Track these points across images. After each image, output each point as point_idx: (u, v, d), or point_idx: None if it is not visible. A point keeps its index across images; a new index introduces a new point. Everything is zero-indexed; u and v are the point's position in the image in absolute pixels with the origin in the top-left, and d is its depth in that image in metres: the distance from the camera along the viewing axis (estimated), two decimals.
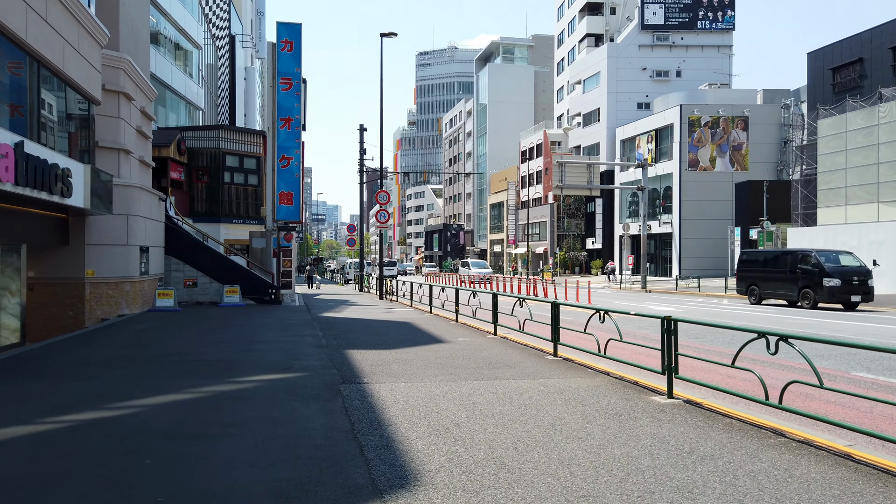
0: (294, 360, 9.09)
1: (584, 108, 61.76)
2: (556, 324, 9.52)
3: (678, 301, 24.72)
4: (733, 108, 47.74)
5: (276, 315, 17.30)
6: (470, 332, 13.14)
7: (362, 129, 32.62)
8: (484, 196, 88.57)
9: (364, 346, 10.80)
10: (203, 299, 21.82)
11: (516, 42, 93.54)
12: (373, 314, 17.79)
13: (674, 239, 48.25)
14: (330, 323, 14.95)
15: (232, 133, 26.13)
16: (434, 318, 16.30)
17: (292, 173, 23.81)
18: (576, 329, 9.84)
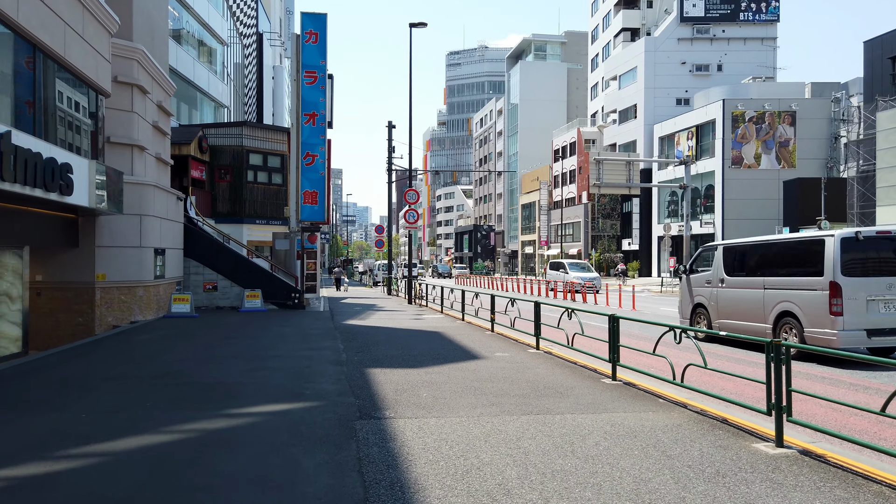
0: (306, 384, 7.76)
1: (620, 105, 59.73)
2: (615, 341, 8.02)
3: None
4: (779, 102, 45.39)
5: (297, 322, 16.06)
6: (508, 345, 11.69)
7: (391, 126, 31.34)
8: (515, 196, 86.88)
9: (389, 363, 9.44)
10: (223, 304, 20.74)
11: (548, 39, 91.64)
12: (400, 322, 16.44)
13: (716, 240, 45.99)
14: (353, 332, 13.63)
15: (255, 130, 25.08)
16: (467, 328, 14.89)
17: (317, 171, 22.62)
18: (639, 348, 8.35)
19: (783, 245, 11.36)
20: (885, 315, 9.82)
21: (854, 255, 9.99)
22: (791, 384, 5.11)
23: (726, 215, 45.14)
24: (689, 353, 7.18)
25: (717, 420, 6.05)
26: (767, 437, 5.33)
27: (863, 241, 10.04)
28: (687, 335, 6.63)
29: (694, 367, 6.54)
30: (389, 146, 31.17)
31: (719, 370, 6.48)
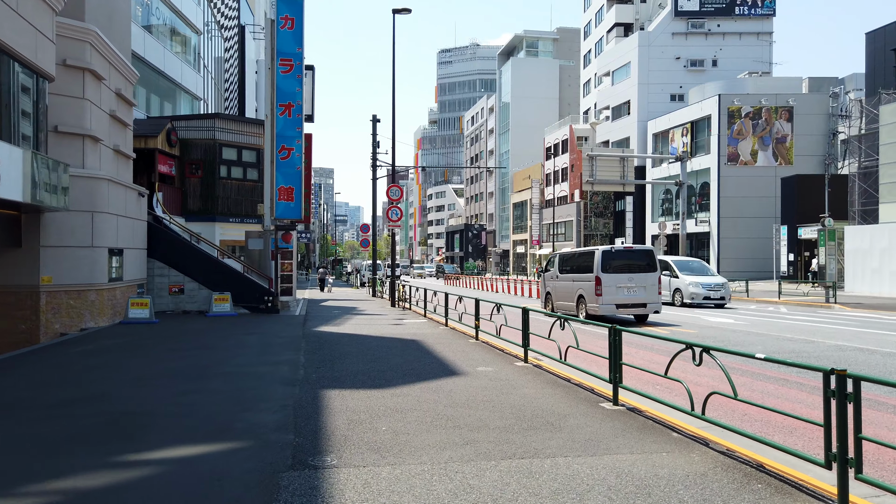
0: (242, 413, 6.39)
1: (613, 101, 58.54)
2: (616, 357, 6.69)
3: (731, 309, 21.64)
4: (776, 97, 44.30)
5: (264, 329, 14.67)
6: (493, 356, 10.35)
7: (375, 120, 29.99)
8: (506, 195, 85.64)
9: (352, 381, 8.08)
10: (190, 308, 19.31)
11: (540, 35, 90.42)
12: (377, 328, 15.07)
13: (711, 239, 44.92)
14: (322, 342, 12.26)
15: (229, 123, 23.63)
16: (450, 334, 13.54)
17: (293, 166, 21.22)
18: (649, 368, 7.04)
19: (580, 254, 18.32)
20: (627, 296, 16.36)
21: (610, 260, 16.55)
22: (859, 425, 3.79)
23: (722, 213, 44.00)
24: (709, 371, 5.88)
25: (751, 465, 4.72)
26: (830, 498, 4.01)
27: (615, 252, 16.99)
28: (713, 356, 5.28)
29: (722, 396, 5.21)
30: (373, 141, 29.82)
31: (753, 403, 5.14)
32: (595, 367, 7.84)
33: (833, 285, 23.80)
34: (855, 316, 18.89)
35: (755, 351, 11.77)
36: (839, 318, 17.97)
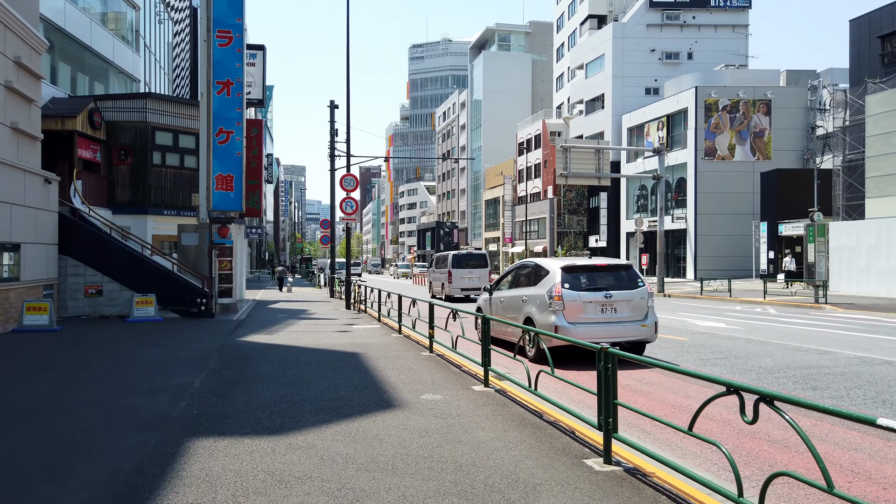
0: (25, 494, 4.12)
1: (587, 95, 56.89)
2: (609, 394, 4.57)
3: (717, 311, 19.82)
4: (754, 90, 42.96)
5: (180, 338, 12.33)
6: (446, 375, 8.21)
7: (332, 106, 27.63)
8: (479, 192, 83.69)
9: (243, 421, 5.87)
10: (110, 312, 16.84)
11: (512, 28, 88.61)
12: (319, 336, 12.82)
13: (688, 236, 43.44)
14: (240, 355, 9.99)
15: (163, 104, 21.09)
16: (400, 344, 11.38)
17: (233, 151, 18.83)
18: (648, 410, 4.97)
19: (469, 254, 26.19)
20: (468, 283, 21.62)
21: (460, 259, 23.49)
22: None
23: (699, 210, 42.53)
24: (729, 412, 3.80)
25: None
26: None
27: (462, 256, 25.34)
28: (780, 410, 3.18)
29: None
30: (331, 128, 27.49)
31: None
32: (574, 401, 5.73)
33: (823, 284, 22.17)
34: (853, 318, 17.15)
35: (761, 362, 9.91)
36: (838, 322, 16.19)
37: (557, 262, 10.47)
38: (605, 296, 9.84)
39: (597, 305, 9.83)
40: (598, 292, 9.87)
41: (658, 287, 31.67)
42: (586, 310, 9.80)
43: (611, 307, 9.88)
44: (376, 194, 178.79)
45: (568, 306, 9.71)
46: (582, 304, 9.77)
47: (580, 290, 9.85)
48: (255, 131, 27.22)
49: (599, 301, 9.83)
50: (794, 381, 8.08)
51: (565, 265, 10.20)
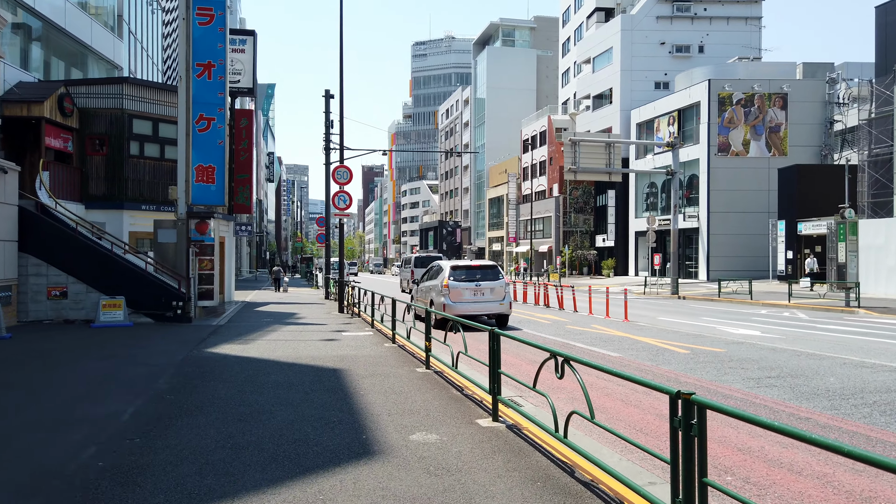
0: None
1: (594, 90, 55.17)
2: (690, 451, 2.90)
3: (743, 316, 18.14)
4: (770, 83, 41.17)
5: (140, 349, 10.72)
6: (444, 403, 6.58)
7: (328, 96, 26.00)
8: (482, 191, 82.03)
9: (163, 482, 4.24)
10: (75, 316, 15.24)
11: (517, 24, 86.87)
12: (301, 346, 11.19)
13: (700, 235, 41.70)
14: (200, 373, 8.37)
15: (142, 89, 19.47)
16: (393, 357, 9.75)
17: (214, 140, 17.20)
18: None
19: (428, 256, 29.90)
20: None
21: None
22: None
23: (712, 208, 40.79)
24: None
25: None
26: None
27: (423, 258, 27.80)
28: None
29: None
30: (326, 119, 25.87)
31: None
32: (625, 444, 4.11)
33: (856, 287, 20.47)
34: (893, 325, 15.46)
35: (825, 382, 8.11)
36: (880, 328, 14.50)
37: (449, 263, 15.79)
38: (476, 284, 14.82)
39: (471, 291, 14.76)
40: (472, 282, 14.84)
41: (672, 288, 29.99)
42: (464, 293, 14.71)
43: (480, 292, 14.80)
44: (379, 193, 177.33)
45: (452, 291, 14.64)
46: (461, 290, 14.71)
47: (461, 281, 14.82)
48: (245, 122, 25.64)
49: (472, 288, 14.79)
50: (882, 412, 6.43)
51: (453, 265, 15.41)
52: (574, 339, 12.52)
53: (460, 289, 14.53)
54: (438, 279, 15.07)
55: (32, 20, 19.18)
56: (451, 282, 14.59)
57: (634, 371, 8.92)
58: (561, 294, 20.40)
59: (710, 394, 7.31)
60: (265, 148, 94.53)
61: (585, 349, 11.15)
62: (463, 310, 14.17)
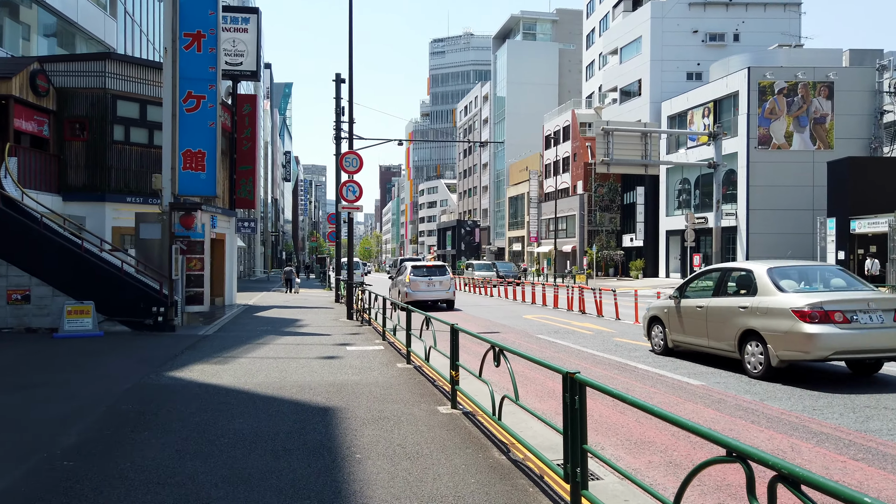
0: None
1: (622, 82, 52.48)
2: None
3: None
4: (815, 71, 38.29)
5: (85, 370, 8.49)
6: (487, 478, 4.20)
7: (339, 80, 23.74)
8: (501, 189, 79.51)
9: None
10: (39, 323, 13.09)
11: (538, 16, 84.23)
12: (293, 367, 8.90)
13: (739, 234, 38.90)
14: (139, 413, 6.08)
15: (127, 67, 17.30)
16: (407, 386, 7.40)
17: (204, 122, 14.99)
18: None
19: None
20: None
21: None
22: None
23: (752, 205, 38.00)
24: None
25: None
26: None
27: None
28: None
29: None
30: (337, 105, 23.63)
31: None
32: None
33: None
34: None
35: None
36: None
37: (412, 263, 22.48)
38: (429, 279, 20.86)
39: (426, 283, 20.78)
40: (427, 276, 20.93)
41: None
42: (421, 285, 20.71)
43: (433, 284, 20.81)
44: (396, 193, 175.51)
45: (412, 283, 20.71)
46: (419, 282, 20.75)
47: (419, 276, 20.94)
48: (247, 108, 23.52)
49: (427, 281, 20.82)
50: None
51: (414, 265, 21.77)
52: (630, 357, 10.09)
53: (418, 282, 20.79)
54: (404, 275, 21.65)
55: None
56: (411, 277, 20.94)
57: (733, 408, 6.49)
58: (600, 299, 17.92)
59: (880, 454, 4.88)
60: (282, 147, 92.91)
61: (652, 373, 8.72)
62: (420, 296, 20.49)
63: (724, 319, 8.78)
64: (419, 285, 20.58)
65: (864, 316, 7.64)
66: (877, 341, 7.58)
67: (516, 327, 15.04)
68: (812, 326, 7.51)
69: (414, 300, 19.80)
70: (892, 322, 7.68)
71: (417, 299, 20.13)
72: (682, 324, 9.75)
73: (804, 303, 7.68)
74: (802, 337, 7.53)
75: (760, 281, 8.46)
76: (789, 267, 8.82)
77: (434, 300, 20.88)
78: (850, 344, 7.50)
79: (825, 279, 8.77)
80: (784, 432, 5.68)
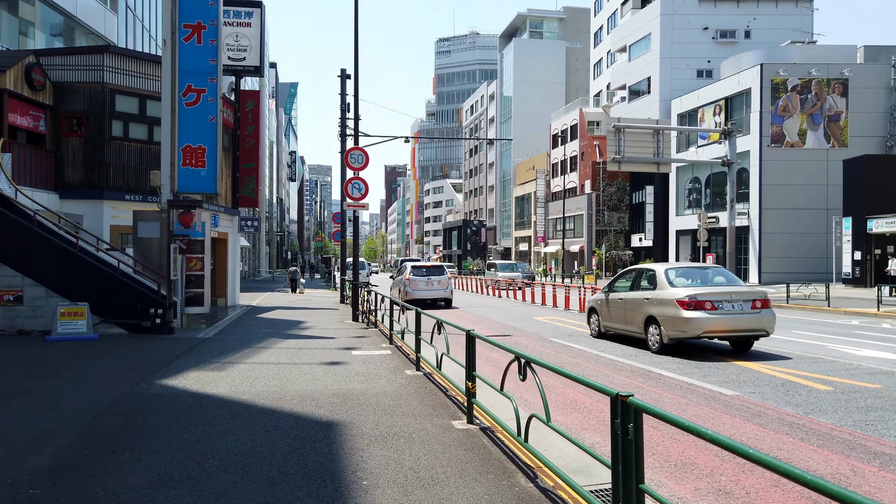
0: None
1: (631, 80, 51.77)
2: None
3: (842, 329, 14.89)
4: (829, 67, 37.54)
5: (74, 376, 7.95)
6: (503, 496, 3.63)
7: (344, 76, 23.17)
8: (508, 188, 78.88)
9: None
10: (32, 326, 12.57)
11: (545, 15, 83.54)
12: (294, 374, 8.34)
13: (751, 234, 38.17)
14: (119, 434, 5.52)
15: (126, 60, 16.79)
16: (418, 396, 6.83)
17: (205, 116, 14.45)
18: None
19: None
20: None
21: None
22: None
23: (765, 204, 37.26)
24: None
25: None
26: None
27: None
28: None
29: None
30: (342, 101, 23.06)
31: None
32: None
33: None
34: None
35: None
36: None
37: (411, 263, 23.60)
38: (428, 278, 21.84)
39: (425, 282, 21.76)
40: (426, 276, 21.92)
41: None
42: (420, 284, 21.67)
43: (431, 283, 21.80)
44: (401, 193, 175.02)
45: (412, 283, 21.69)
46: (419, 282, 21.74)
47: (419, 276, 21.92)
48: (251, 105, 22.98)
49: (426, 280, 21.81)
50: None
51: (413, 265, 22.68)
52: (653, 363, 9.50)
53: (417, 281, 21.77)
54: (404, 275, 22.56)
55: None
56: (411, 276, 21.92)
57: (778, 424, 5.89)
58: None
59: None
60: (287, 147, 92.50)
61: (685, 383, 8.12)
62: (419, 295, 21.39)
63: (635, 308, 11.13)
64: (418, 284, 21.75)
65: (727, 305, 9.98)
66: (736, 324, 9.98)
67: (528, 330, 14.44)
68: (688, 312, 9.87)
69: (413, 298, 20.84)
70: (749, 310, 10.06)
71: (417, 297, 21.13)
72: (609, 313, 12.18)
73: (683, 294, 10.02)
74: (682, 320, 9.91)
75: (659, 278, 10.77)
76: (683, 268, 11.25)
77: (433, 299, 21.90)
78: (716, 325, 9.84)
79: (710, 278, 11.03)
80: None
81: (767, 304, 10.20)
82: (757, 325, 10.03)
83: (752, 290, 10.50)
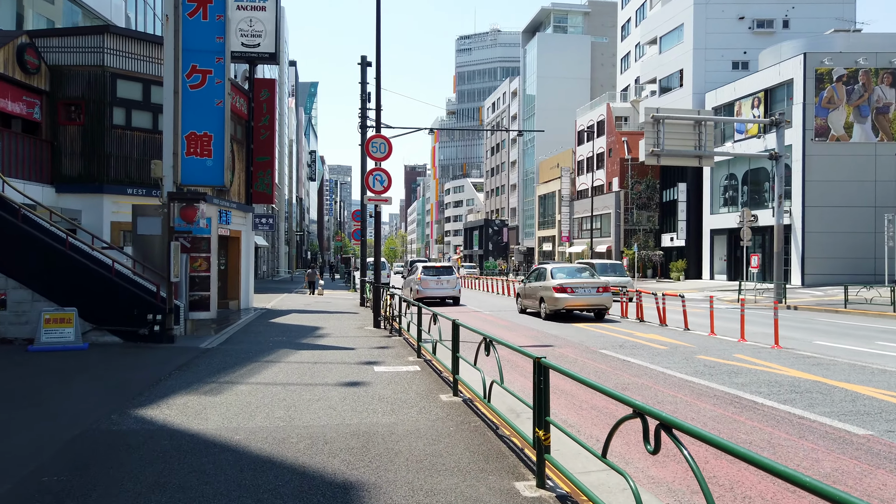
0: None
1: (661, 72, 49.74)
2: None
3: None
4: (877, 57, 35.30)
5: (31, 407, 6.47)
6: None
7: (364, 63, 21.71)
8: (531, 187, 77.02)
9: None
10: (15, 333, 11.20)
11: (570, 9, 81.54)
12: (306, 400, 6.82)
13: (793, 233, 36.02)
14: (63, 493, 3.99)
15: (128, 42, 15.41)
16: (462, 435, 5.23)
17: (211, 100, 13.03)
18: None
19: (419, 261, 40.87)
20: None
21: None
22: None
23: (808, 201, 35.12)
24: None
25: None
26: None
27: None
28: None
29: None
30: (363, 91, 21.60)
31: None
32: None
33: None
34: None
35: None
36: None
37: (422, 263, 26.23)
38: (437, 278, 23.45)
39: (435, 281, 23.31)
40: (436, 276, 23.56)
41: (777, 295, 24.77)
42: (430, 283, 23.22)
43: (441, 282, 23.39)
44: (421, 192, 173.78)
45: (423, 282, 23.19)
46: (429, 281, 23.27)
47: (429, 275, 23.53)
48: (265, 94, 21.53)
49: (436, 279, 23.38)
50: None
51: (424, 265, 24.57)
52: (734, 386, 7.81)
53: (427, 280, 23.06)
54: (416, 274, 23.96)
55: None
56: (422, 276, 23.26)
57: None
58: (663, 305, 15.56)
59: None
60: (307, 146, 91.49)
61: (784, 412, 6.43)
62: (429, 293, 22.71)
63: (535, 292, 17.65)
64: (429, 283, 23.15)
65: (581, 290, 16.33)
66: (587, 301, 16.33)
67: (571, 339, 12.80)
68: (558, 294, 16.26)
69: (424, 296, 22.31)
70: (595, 293, 16.38)
71: (427, 296, 22.62)
72: (525, 296, 18.84)
73: (556, 283, 16.43)
74: (554, 299, 16.30)
75: (547, 274, 17.38)
76: (561, 267, 17.92)
77: (442, 297, 23.33)
78: (574, 302, 16.19)
79: (579, 273, 17.51)
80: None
81: (608, 290, 16.65)
82: (599, 302, 16.42)
83: (599, 281, 16.93)
